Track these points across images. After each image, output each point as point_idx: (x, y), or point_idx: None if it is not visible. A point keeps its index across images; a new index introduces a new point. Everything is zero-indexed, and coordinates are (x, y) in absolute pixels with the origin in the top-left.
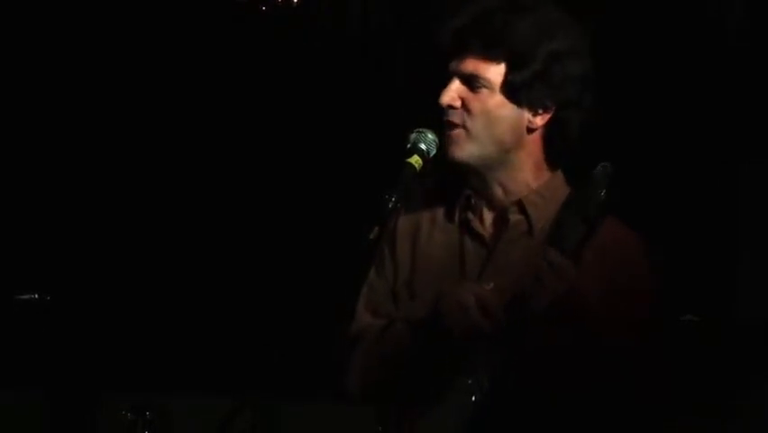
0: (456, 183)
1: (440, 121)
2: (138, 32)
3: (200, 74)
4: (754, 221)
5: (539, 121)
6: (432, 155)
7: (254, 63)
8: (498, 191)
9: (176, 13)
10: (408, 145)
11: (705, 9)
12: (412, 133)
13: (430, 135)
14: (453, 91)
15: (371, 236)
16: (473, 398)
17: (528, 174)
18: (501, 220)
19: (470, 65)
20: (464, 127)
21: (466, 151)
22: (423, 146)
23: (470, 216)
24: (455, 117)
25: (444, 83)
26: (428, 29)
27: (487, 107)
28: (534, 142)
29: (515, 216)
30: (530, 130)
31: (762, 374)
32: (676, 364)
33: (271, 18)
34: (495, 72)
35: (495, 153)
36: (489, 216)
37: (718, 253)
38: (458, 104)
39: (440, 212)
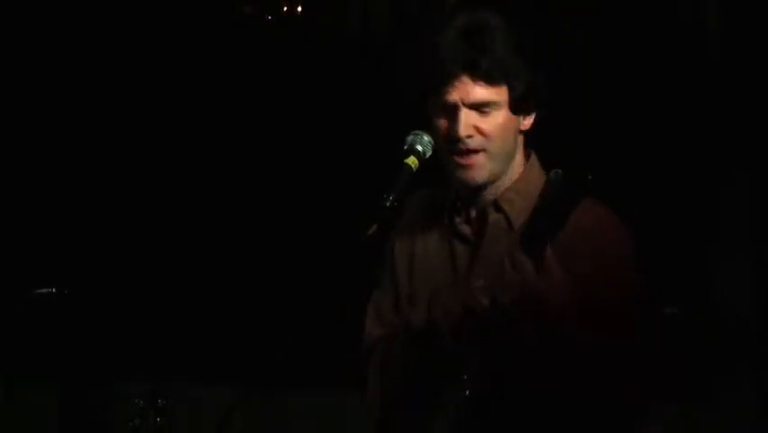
0: (444, 191)
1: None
2: (140, 33)
3: (201, 75)
4: (733, 221)
5: (527, 123)
6: (428, 156)
7: (255, 63)
8: (484, 192)
9: (177, 14)
10: (405, 147)
11: (681, 17)
12: (408, 135)
13: (426, 137)
14: (467, 121)
15: (370, 233)
16: (467, 392)
17: (514, 170)
18: (483, 220)
19: (479, 94)
20: (485, 151)
21: (487, 171)
22: (419, 147)
23: (457, 219)
24: (474, 144)
25: (441, 113)
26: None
27: (500, 127)
28: (521, 141)
29: (493, 215)
30: (521, 132)
31: (738, 365)
32: (658, 355)
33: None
34: (500, 94)
35: (505, 163)
36: (473, 217)
37: (699, 249)
38: (474, 132)
39: (431, 220)
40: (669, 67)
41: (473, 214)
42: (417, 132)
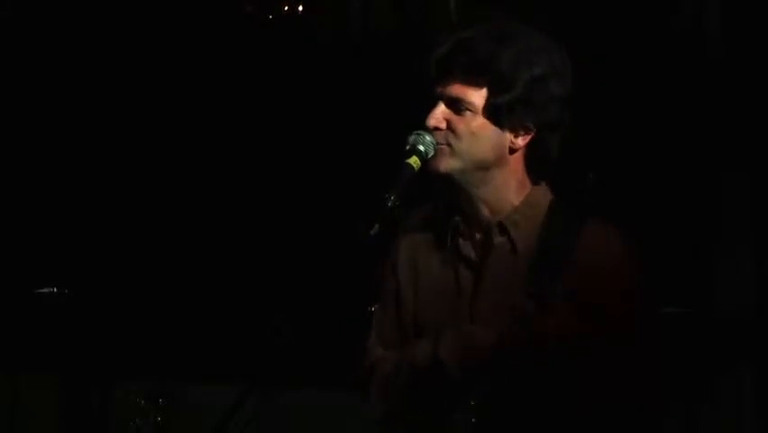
0: (448, 211)
1: (435, 95)
2: (141, 33)
3: (202, 74)
4: (733, 221)
5: (521, 142)
6: (430, 156)
7: (255, 63)
8: (484, 211)
9: (178, 14)
10: (407, 147)
11: (683, 20)
12: (411, 135)
13: (428, 137)
14: (439, 114)
15: (372, 233)
16: (473, 419)
17: (512, 192)
18: (487, 243)
19: (455, 90)
20: (449, 145)
21: (449, 165)
22: (421, 147)
23: (461, 241)
24: (441, 138)
25: (430, 105)
26: (428, 29)
27: (471, 129)
28: (516, 161)
29: (498, 238)
30: (512, 150)
31: (738, 365)
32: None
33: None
34: (478, 96)
35: (476, 170)
36: (477, 240)
37: (699, 250)
38: (443, 125)
39: (434, 239)
40: (669, 67)
41: (477, 236)
42: (420, 132)
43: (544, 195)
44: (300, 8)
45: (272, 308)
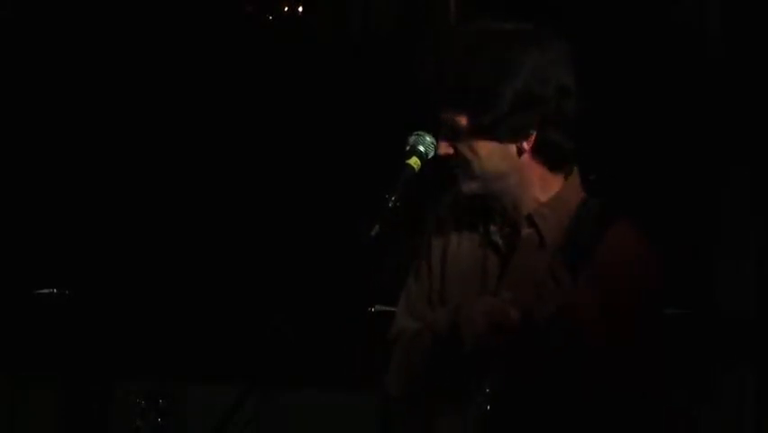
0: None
1: (438, 123)
2: (140, 33)
3: (202, 74)
4: (733, 221)
5: (526, 145)
6: (430, 157)
7: (255, 64)
8: (511, 208)
9: (178, 14)
10: (407, 147)
11: (684, 18)
12: (411, 135)
13: (428, 138)
14: (443, 141)
15: (372, 234)
16: (488, 406)
17: (536, 189)
18: (515, 234)
19: (446, 116)
20: (462, 169)
21: (469, 187)
22: (422, 148)
23: (491, 228)
24: (453, 163)
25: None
26: (428, 29)
27: (472, 150)
28: (530, 160)
29: (526, 230)
30: (521, 152)
31: (738, 364)
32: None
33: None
34: (466, 119)
35: (497, 182)
36: (506, 229)
37: (699, 250)
38: (452, 151)
39: (465, 222)
40: (670, 66)
41: (507, 226)
42: (420, 132)
43: (574, 191)
44: (300, 8)
45: (272, 308)
